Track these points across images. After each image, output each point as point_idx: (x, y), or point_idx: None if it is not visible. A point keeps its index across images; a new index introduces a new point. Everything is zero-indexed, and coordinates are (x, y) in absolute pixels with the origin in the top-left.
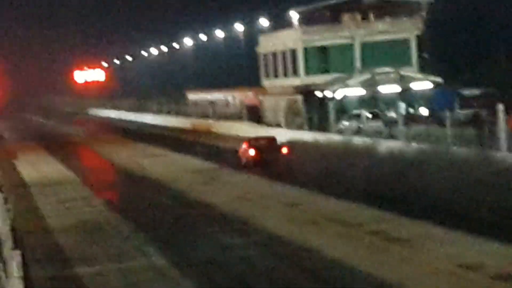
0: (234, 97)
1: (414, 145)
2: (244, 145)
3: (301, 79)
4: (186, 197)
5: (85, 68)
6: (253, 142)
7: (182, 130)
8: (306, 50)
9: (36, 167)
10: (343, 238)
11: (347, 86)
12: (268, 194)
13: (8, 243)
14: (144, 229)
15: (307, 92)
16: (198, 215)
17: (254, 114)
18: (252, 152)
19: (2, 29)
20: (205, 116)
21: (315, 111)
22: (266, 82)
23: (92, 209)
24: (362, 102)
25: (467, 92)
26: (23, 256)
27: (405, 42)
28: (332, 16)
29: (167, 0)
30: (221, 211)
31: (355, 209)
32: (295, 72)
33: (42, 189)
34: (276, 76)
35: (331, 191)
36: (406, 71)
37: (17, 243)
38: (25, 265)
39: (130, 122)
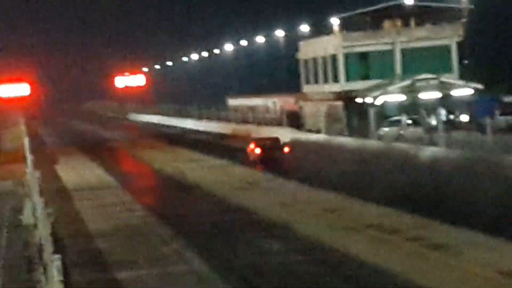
0: (274, 103)
1: (454, 151)
2: (252, 145)
3: (342, 85)
4: (226, 202)
5: (126, 73)
6: (259, 142)
7: (222, 136)
8: (346, 56)
9: (77, 172)
10: (383, 244)
11: (387, 92)
12: (308, 199)
13: (49, 247)
14: (184, 234)
15: (347, 98)
16: (238, 220)
17: (294, 120)
18: (258, 150)
19: (44, 35)
20: (245, 121)
21: (355, 117)
22: (306, 88)
23: (132, 214)
24: (402, 108)
25: (507, 98)
26: (63, 260)
27: (445, 49)
28: (373, 22)
29: (208, 6)
30: (261, 216)
31: (395, 215)
32: (336, 78)
33: (83, 193)
34: (316, 82)
35: (371, 197)
36: (446, 78)
37: (57, 247)
38: (65, 269)
39: (170, 127)
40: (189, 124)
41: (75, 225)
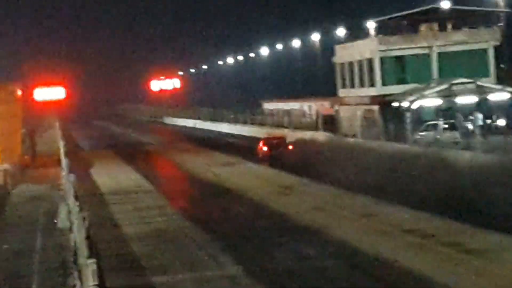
0: (310, 107)
1: (491, 156)
2: (261, 143)
3: (378, 89)
4: (261, 206)
5: (161, 77)
6: (266, 141)
7: (257, 140)
8: (382, 60)
9: (112, 176)
10: (418, 249)
11: (423, 96)
12: (343, 204)
13: (83, 251)
14: (219, 238)
15: (383, 102)
16: (273, 224)
17: (330, 124)
18: (265, 148)
19: (80, 39)
20: (281, 125)
21: (392, 121)
22: (342, 92)
23: (167, 218)
24: (439, 112)
25: None
26: (98, 264)
27: (482, 53)
28: (409, 26)
29: (244, 10)
30: (296, 221)
31: (430, 219)
32: (372, 82)
33: (118, 197)
34: (352, 86)
35: (406, 201)
36: (483, 82)
37: (92, 252)
38: (100, 273)
39: (206, 131)
40: (224, 127)
41: (110, 229)
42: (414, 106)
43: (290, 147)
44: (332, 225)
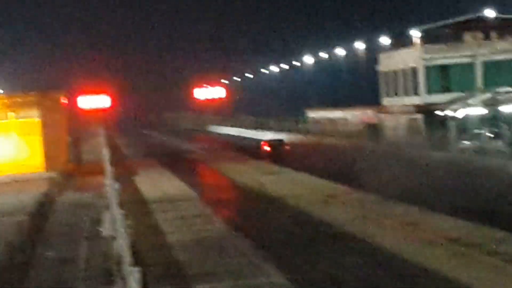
0: (354, 115)
1: None
2: (264, 145)
3: (422, 98)
4: (305, 215)
5: (206, 85)
6: (268, 142)
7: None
8: (427, 68)
9: (156, 184)
10: (463, 259)
11: (468, 105)
12: (387, 213)
13: (128, 260)
14: (262, 246)
15: (427, 111)
16: (316, 233)
17: (374, 132)
18: (267, 148)
19: (125, 48)
20: (325, 134)
21: (436, 130)
22: (386, 101)
23: (211, 226)
24: (483, 121)
25: None
26: (142, 272)
27: None
28: (454, 35)
29: (289, 19)
30: (340, 229)
31: (475, 229)
32: (416, 91)
33: (162, 205)
34: (396, 94)
35: (450, 210)
36: None
37: (137, 260)
38: (144, 281)
39: (250, 139)
40: (268, 136)
41: (155, 237)
42: (458, 115)
43: (287, 147)
44: (376, 233)
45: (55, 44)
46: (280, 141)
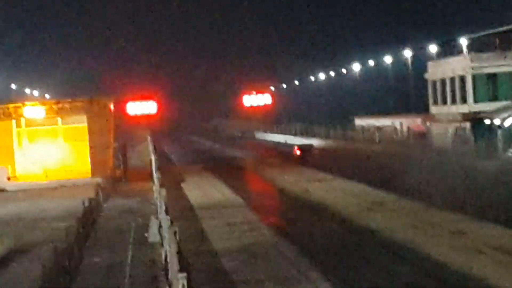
0: (401, 123)
1: None
2: (295, 148)
3: (470, 106)
4: (351, 222)
5: (253, 92)
6: (299, 146)
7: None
8: (475, 77)
9: (203, 190)
10: (509, 267)
11: None
12: (434, 221)
13: (174, 266)
14: (308, 253)
15: (475, 119)
16: (363, 240)
17: (421, 140)
18: (298, 152)
19: (172, 54)
20: (372, 141)
21: (483, 138)
22: (434, 109)
23: (257, 233)
24: None
25: None
26: (188, 278)
27: None
28: (502, 43)
29: (336, 26)
30: (387, 237)
31: None
32: (464, 99)
33: (209, 212)
34: (444, 102)
35: (495, 218)
36: None
37: (183, 266)
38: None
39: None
40: (315, 143)
41: (201, 244)
42: (506, 123)
43: (316, 151)
44: (422, 241)
45: (103, 50)
46: (310, 146)
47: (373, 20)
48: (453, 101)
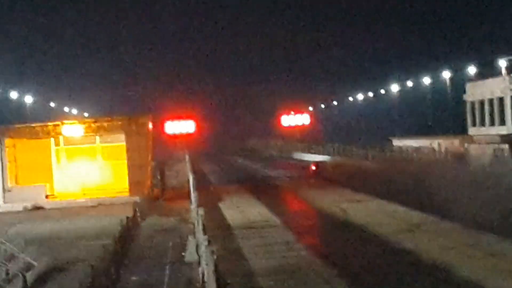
0: (439, 144)
1: None
2: (312, 165)
3: (508, 128)
4: (388, 243)
5: (291, 112)
6: (315, 163)
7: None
8: None
9: (240, 210)
10: None
11: None
12: (471, 243)
13: (211, 285)
14: (346, 274)
15: None
16: (401, 261)
17: (459, 162)
18: (314, 167)
19: (209, 73)
20: (409, 161)
21: None
22: (472, 130)
23: (294, 253)
24: None
25: None
26: None
27: None
28: None
29: (375, 47)
30: (424, 258)
31: None
32: (502, 121)
33: (246, 231)
34: (482, 124)
35: None
36: None
37: (220, 285)
38: None
39: None
40: (350, 163)
41: (238, 263)
42: None
43: (330, 169)
44: (462, 264)
45: (141, 71)
46: (323, 163)
47: (412, 42)
48: (492, 123)
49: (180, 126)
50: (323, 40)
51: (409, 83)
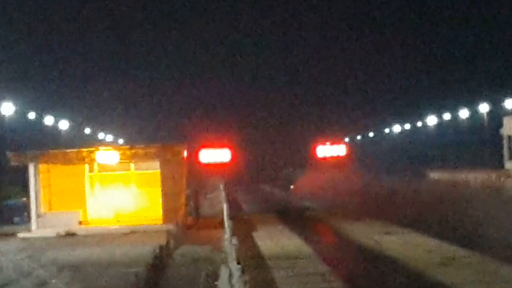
0: (475, 178)
1: None
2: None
3: None
4: (421, 276)
5: (327, 143)
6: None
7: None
8: None
9: (275, 240)
10: None
11: None
12: (506, 277)
13: None
14: None
15: None
16: None
17: (496, 196)
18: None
19: (245, 103)
20: (446, 195)
21: None
22: (508, 164)
23: (328, 285)
24: None
25: None
26: None
27: None
28: None
29: (411, 79)
30: None
31: None
32: None
33: (279, 262)
34: None
35: None
36: None
37: None
38: None
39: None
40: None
41: None
42: None
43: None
44: None
45: (176, 97)
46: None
47: (450, 75)
48: None
49: (215, 155)
50: (361, 72)
51: (446, 116)
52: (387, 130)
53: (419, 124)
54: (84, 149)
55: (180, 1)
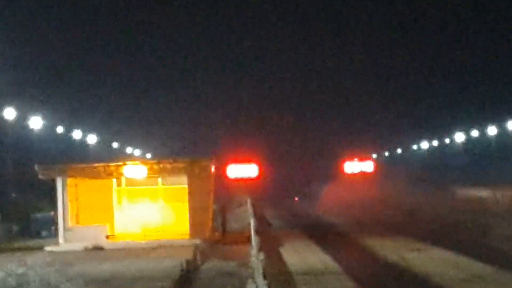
0: (502, 195)
1: None
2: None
3: None
4: None
5: (355, 159)
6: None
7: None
8: None
9: (301, 256)
10: None
11: None
12: None
13: None
14: None
15: None
16: None
17: None
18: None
19: (272, 118)
20: (474, 211)
21: None
22: None
23: None
24: None
25: None
26: None
27: None
28: None
29: (438, 96)
30: None
31: None
32: None
33: (306, 278)
34: None
35: None
36: None
37: None
38: None
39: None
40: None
41: None
42: None
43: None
44: None
45: (207, 112)
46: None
47: (478, 92)
48: None
49: (243, 170)
50: (390, 88)
51: (474, 133)
52: (415, 147)
53: (447, 140)
54: (112, 163)
55: (205, 17)
